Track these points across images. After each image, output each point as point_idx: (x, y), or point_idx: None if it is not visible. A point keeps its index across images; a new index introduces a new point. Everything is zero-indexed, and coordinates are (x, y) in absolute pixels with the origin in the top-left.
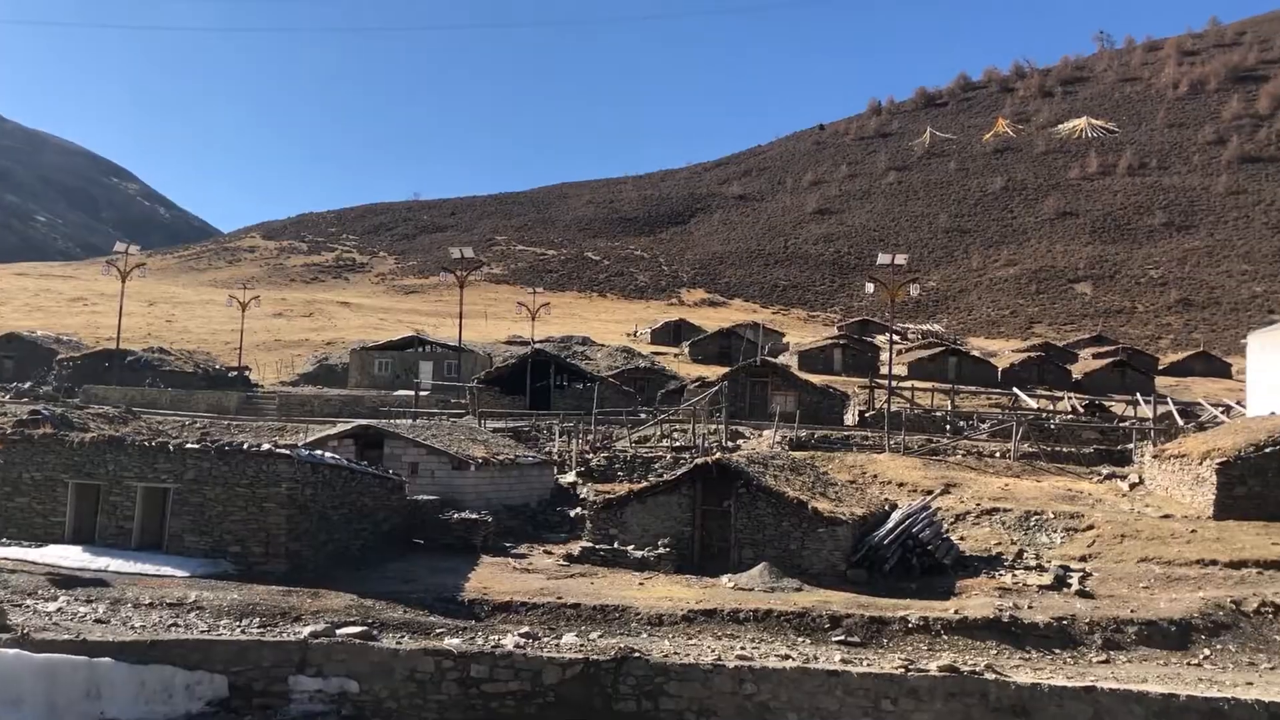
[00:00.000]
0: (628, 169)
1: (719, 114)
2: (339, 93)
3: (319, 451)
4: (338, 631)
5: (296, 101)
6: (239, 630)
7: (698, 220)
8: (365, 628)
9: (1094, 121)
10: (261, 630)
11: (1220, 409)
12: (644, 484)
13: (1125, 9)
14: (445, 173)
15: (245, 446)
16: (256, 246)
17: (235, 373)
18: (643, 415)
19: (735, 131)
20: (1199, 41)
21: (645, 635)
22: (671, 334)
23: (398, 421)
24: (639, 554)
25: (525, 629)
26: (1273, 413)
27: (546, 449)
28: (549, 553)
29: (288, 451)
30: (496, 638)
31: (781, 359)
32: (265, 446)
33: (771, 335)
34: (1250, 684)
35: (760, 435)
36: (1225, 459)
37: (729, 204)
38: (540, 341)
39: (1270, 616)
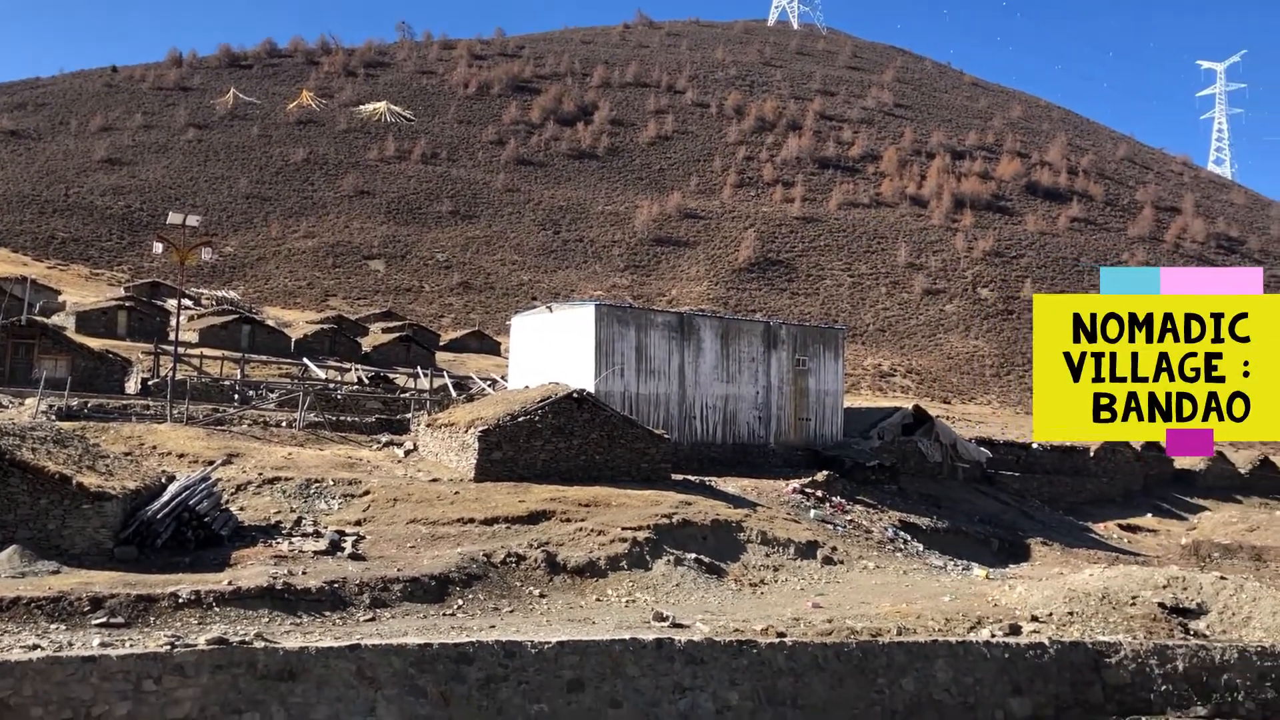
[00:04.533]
0: None
1: None
2: None
3: None
4: None
5: None
6: None
7: None
8: None
9: (393, 107)
10: None
11: (488, 382)
12: None
13: (425, 4)
14: None
15: None
16: None
17: None
18: None
19: (8, 58)
20: (487, 48)
21: None
22: None
23: None
24: None
25: None
26: (527, 386)
27: None
28: None
29: None
30: None
31: (56, 319)
32: None
33: (45, 292)
34: (493, 627)
35: (22, 404)
36: (486, 427)
37: None
38: None
39: (514, 565)
